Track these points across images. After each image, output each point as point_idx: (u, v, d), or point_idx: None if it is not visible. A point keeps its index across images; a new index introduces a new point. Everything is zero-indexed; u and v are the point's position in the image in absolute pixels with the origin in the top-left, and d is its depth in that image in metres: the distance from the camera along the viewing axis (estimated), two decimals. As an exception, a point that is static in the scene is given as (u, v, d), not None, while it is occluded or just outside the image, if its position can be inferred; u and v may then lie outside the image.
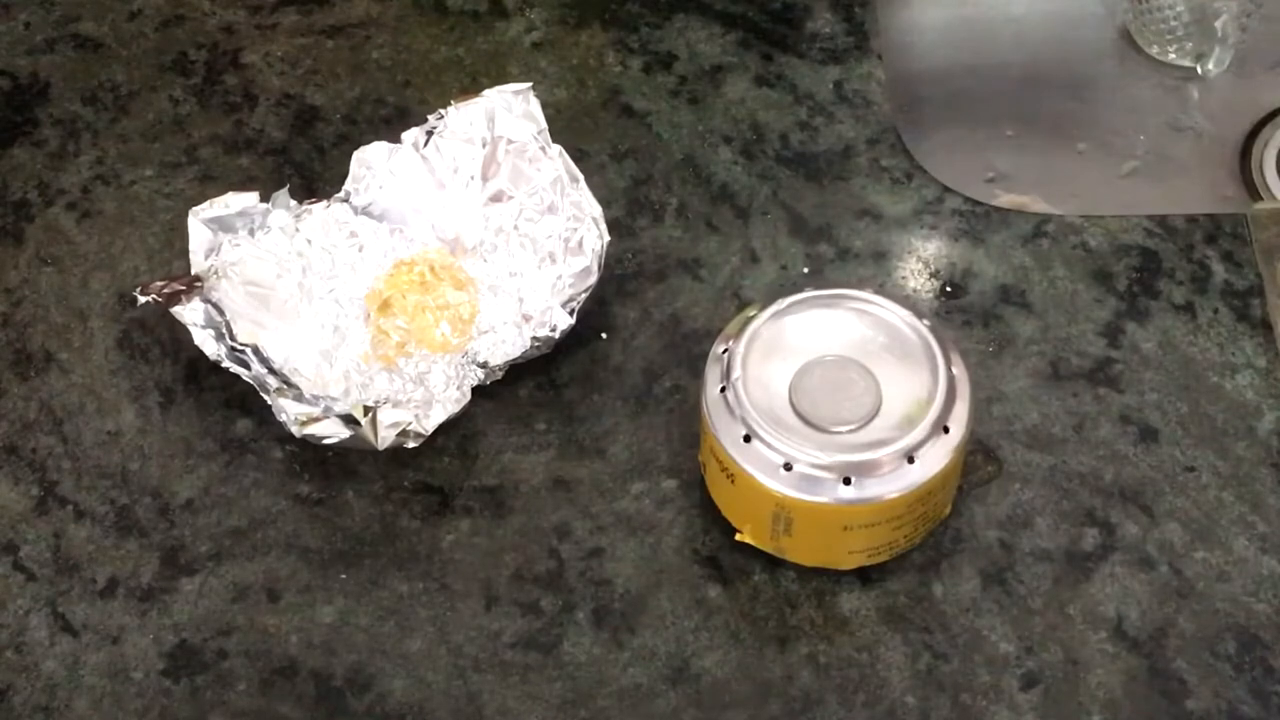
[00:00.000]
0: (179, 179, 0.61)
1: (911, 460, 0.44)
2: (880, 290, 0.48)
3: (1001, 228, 0.58)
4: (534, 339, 0.53)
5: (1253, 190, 0.67)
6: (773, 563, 0.49)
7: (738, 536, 0.49)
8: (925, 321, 0.47)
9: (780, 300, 0.48)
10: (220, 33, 0.66)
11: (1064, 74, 0.73)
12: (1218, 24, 0.68)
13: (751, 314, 0.48)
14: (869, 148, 0.60)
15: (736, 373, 0.46)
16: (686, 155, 0.60)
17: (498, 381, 0.53)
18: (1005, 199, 0.67)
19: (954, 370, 0.46)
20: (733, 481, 0.46)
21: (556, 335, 0.52)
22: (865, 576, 0.49)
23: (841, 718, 0.46)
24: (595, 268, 0.53)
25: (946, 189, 0.59)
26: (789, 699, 0.47)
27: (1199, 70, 0.70)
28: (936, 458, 0.45)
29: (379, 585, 0.50)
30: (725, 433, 0.46)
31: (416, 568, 0.50)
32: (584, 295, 0.53)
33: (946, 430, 0.45)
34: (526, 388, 0.54)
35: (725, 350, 0.47)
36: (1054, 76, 0.73)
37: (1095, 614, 0.48)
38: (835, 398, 0.45)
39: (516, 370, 0.53)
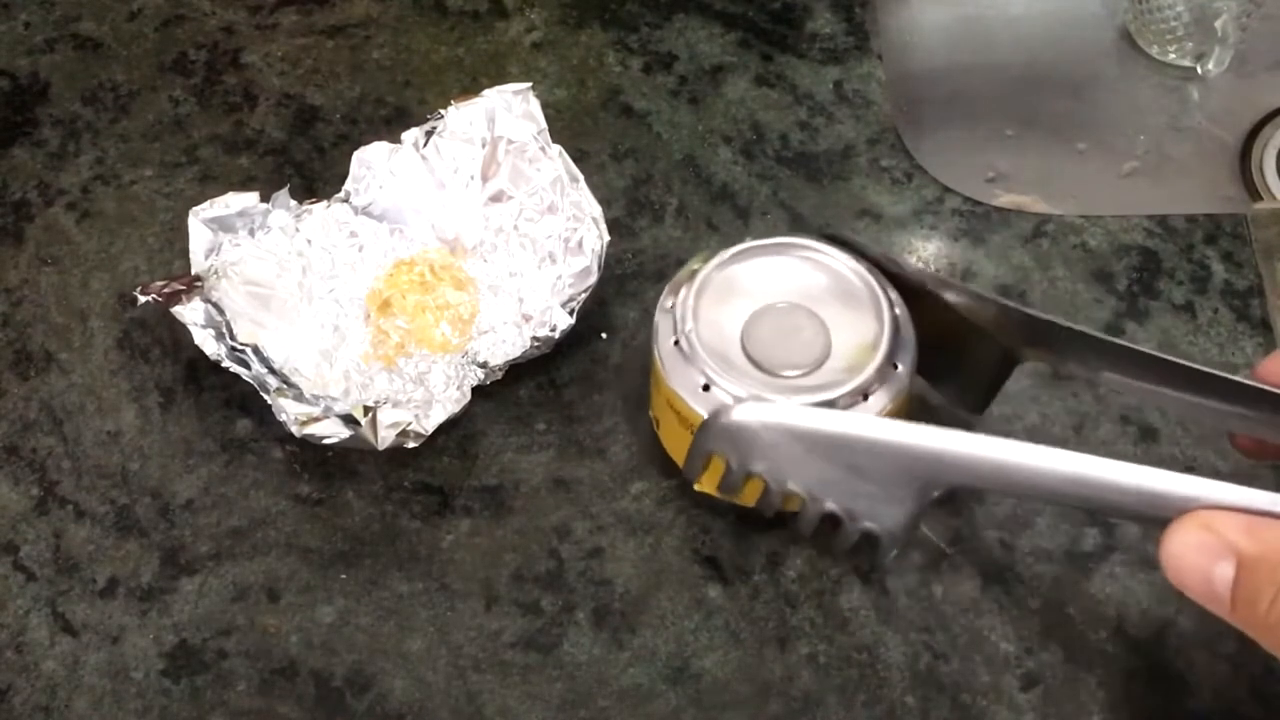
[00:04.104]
0: (179, 179, 0.61)
1: (865, 397, 0.45)
2: (821, 237, 0.49)
3: (1001, 228, 0.58)
4: (534, 339, 0.53)
5: (1253, 190, 0.67)
6: (773, 562, 0.49)
7: (696, 487, 0.49)
8: (865, 265, 0.47)
9: (724, 251, 0.48)
10: (220, 33, 0.66)
11: (1064, 74, 0.73)
12: (1218, 24, 0.68)
13: (697, 266, 0.48)
14: (869, 148, 0.60)
15: (689, 323, 0.46)
16: (686, 155, 0.61)
17: (498, 381, 0.53)
18: (1005, 199, 0.67)
19: (897, 311, 0.47)
20: (691, 431, 0.46)
21: (556, 335, 0.52)
22: (865, 576, 0.49)
23: (841, 718, 0.46)
24: (595, 268, 0.53)
25: (946, 189, 0.59)
26: (789, 699, 0.47)
27: (1199, 70, 0.70)
28: (888, 394, 0.45)
29: (379, 585, 0.50)
30: (683, 385, 0.46)
31: (416, 568, 0.50)
32: (584, 295, 0.53)
33: (896, 367, 0.46)
34: (526, 388, 0.54)
35: (673, 304, 0.47)
36: (1054, 76, 0.73)
37: (1095, 614, 0.48)
38: (787, 343, 0.46)
39: (516, 370, 0.53)
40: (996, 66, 0.73)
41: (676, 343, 0.46)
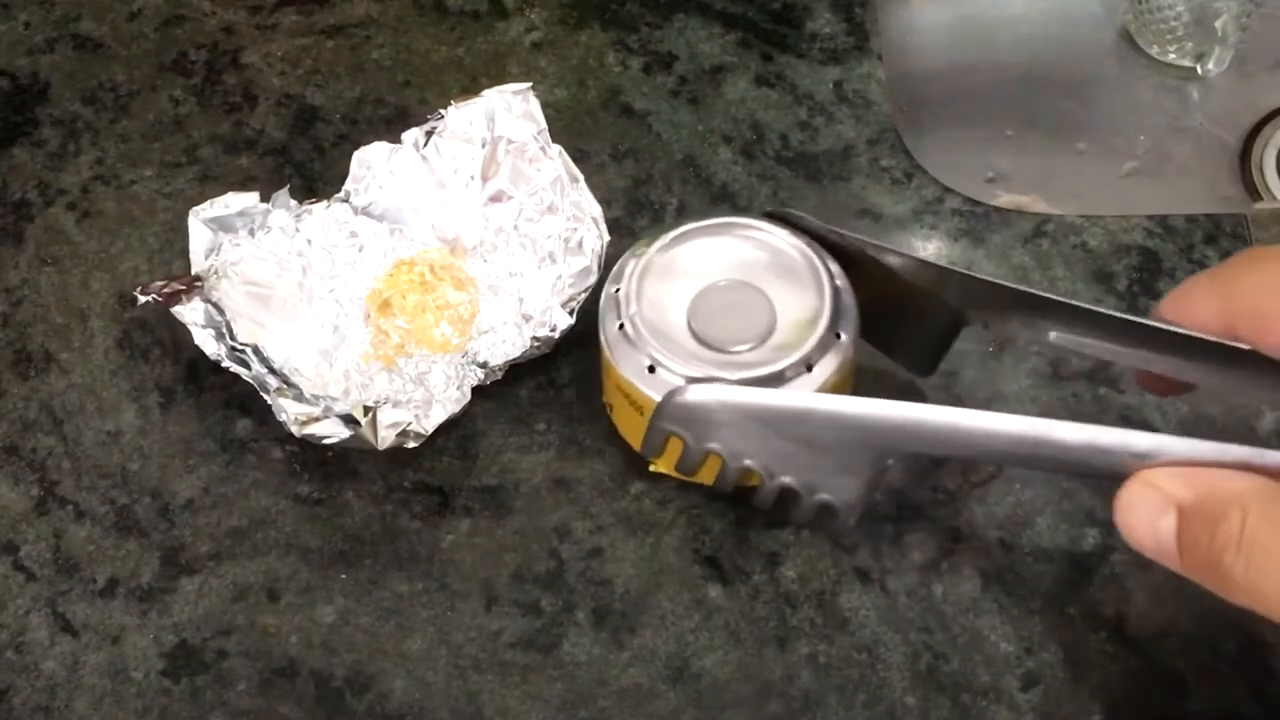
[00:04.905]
0: (179, 179, 0.61)
1: (810, 368, 0.46)
2: (763, 215, 0.50)
3: (1001, 228, 0.58)
4: (534, 339, 0.53)
5: (1253, 190, 0.67)
6: (772, 562, 0.49)
7: (651, 468, 0.49)
8: (805, 240, 0.48)
9: (664, 235, 0.49)
10: (220, 33, 0.66)
11: (1064, 74, 0.73)
12: (1218, 24, 0.68)
13: (640, 251, 0.49)
14: (869, 148, 0.60)
15: (633, 308, 0.47)
16: (686, 155, 0.61)
17: (498, 381, 0.53)
18: (1005, 199, 0.67)
19: (838, 282, 0.48)
20: (642, 414, 0.47)
21: (556, 335, 0.52)
22: (865, 576, 0.49)
23: (841, 718, 0.46)
24: (595, 268, 0.53)
25: (946, 189, 0.59)
26: (789, 699, 0.47)
27: (1199, 70, 0.70)
28: (832, 362, 0.46)
29: (379, 585, 0.50)
30: (629, 367, 0.47)
31: (416, 568, 0.50)
32: (584, 295, 0.53)
33: (839, 336, 0.47)
34: (526, 388, 0.54)
35: (617, 289, 0.48)
36: (1054, 76, 0.73)
37: (1095, 614, 0.48)
38: (732, 319, 0.47)
39: (516, 370, 0.53)
40: (996, 66, 0.73)
41: (621, 326, 0.47)
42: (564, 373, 0.54)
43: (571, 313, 0.53)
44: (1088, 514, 0.50)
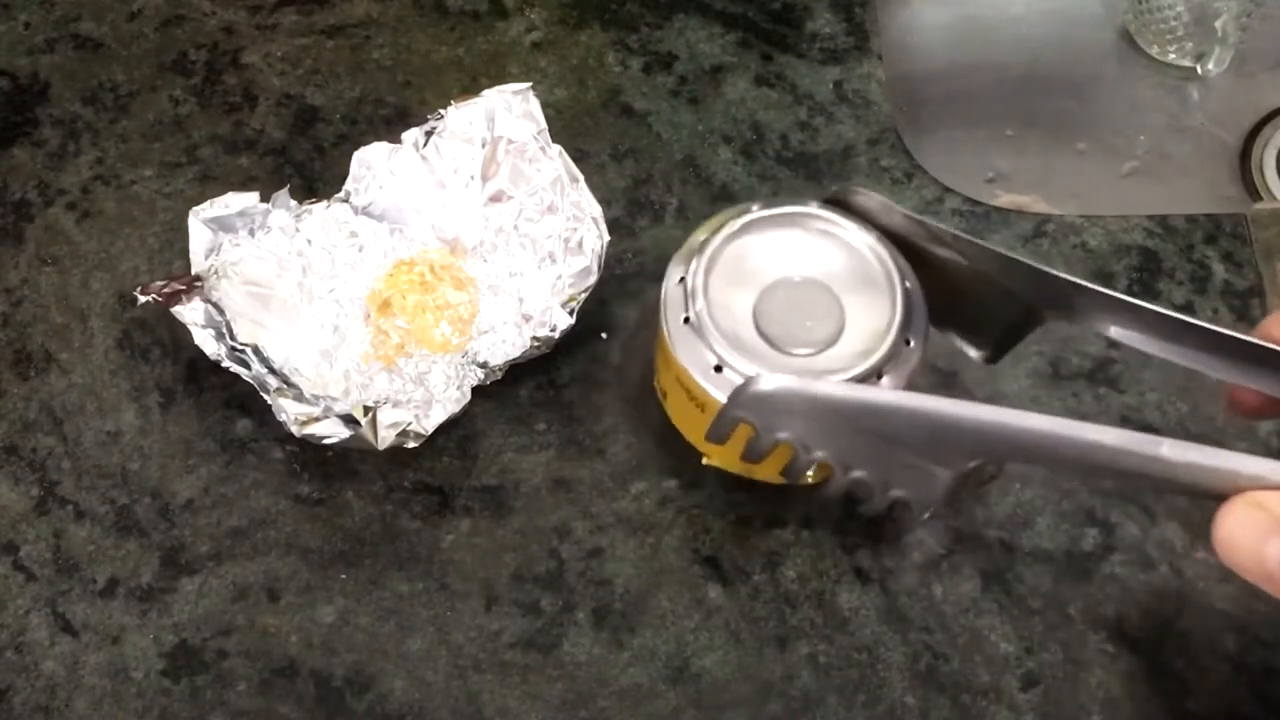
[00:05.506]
0: (179, 179, 0.61)
1: (880, 376, 0.44)
2: (828, 203, 0.48)
3: (1001, 228, 0.58)
4: (534, 339, 0.53)
5: (1253, 190, 0.67)
6: (773, 562, 0.49)
7: (705, 461, 0.48)
8: (876, 235, 0.47)
9: (732, 221, 0.47)
10: (220, 33, 0.66)
11: (1064, 74, 0.73)
12: (1218, 24, 0.68)
13: (705, 236, 0.47)
14: (869, 148, 0.60)
15: (700, 301, 0.45)
16: (686, 155, 0.61)
17: (498, 381, 0.53)
18: (1005, 199, 0.67)
19: (909, 285, 0.46)
20: (703, 410, 0.46)
21: (556, 335, 0.52)
22: (865, 576, 0.49)
23: (841, 718, 0.46)
24: (595, 268, 0.53)
25: (946, 189, 0.59)
26: (789, 699, 0.47)
27: (1199, 70, 0.70)
28: (903, 370, 0.45)
29: (379, 585, 0.50)
30: (694, 364, 0.45)
31: (416, 568, 0.50)
32: (584, 295, 0.53)
33: (909, 343, 0.45)
34: (526, 388, 0.54)
35: (683, 277, 0.46)
36: (1054, 76, 0.73)
37: (1095, 614, 0.48)
38: (800, 320, 0.45)
39: (516, 370, 0.53)
40: (997, 66, 0.73)
41: (687, 320, 0.45)
42: (564, 373, 0.54)
43: (571, 313, 0.53)
44: (1088, 514, 0.50)
